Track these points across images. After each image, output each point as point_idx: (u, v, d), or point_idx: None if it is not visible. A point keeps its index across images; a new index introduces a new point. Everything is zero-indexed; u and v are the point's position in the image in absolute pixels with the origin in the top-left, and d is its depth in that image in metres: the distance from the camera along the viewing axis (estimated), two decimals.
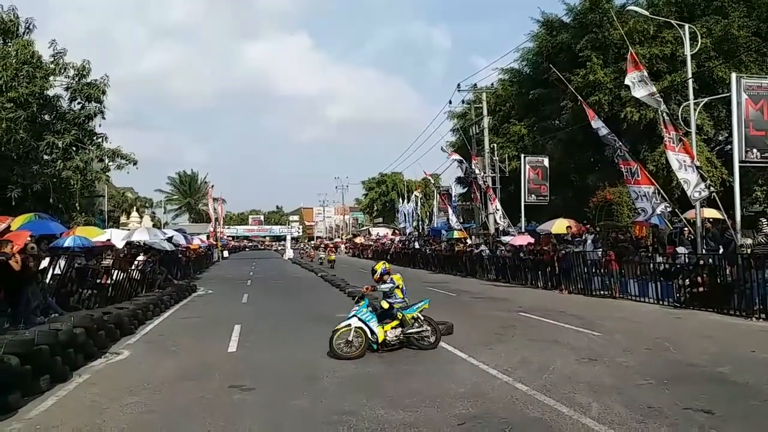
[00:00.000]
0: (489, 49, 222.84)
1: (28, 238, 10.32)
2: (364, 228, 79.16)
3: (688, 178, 14.88)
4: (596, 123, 17.58)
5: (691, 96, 16.70)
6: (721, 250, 14.08)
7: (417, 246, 38.24)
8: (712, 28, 22.07)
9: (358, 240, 63.79)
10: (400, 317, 9.04)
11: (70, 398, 6.71)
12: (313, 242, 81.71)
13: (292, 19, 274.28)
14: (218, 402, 6.46)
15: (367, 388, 6.91)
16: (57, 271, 11.93)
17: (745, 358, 8.34)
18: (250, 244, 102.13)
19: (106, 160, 22.40)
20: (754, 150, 14.52)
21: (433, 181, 40.89)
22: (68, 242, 14.20)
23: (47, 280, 11.37)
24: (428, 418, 5.69)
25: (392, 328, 8.99)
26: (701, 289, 13.30)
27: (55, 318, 9.11)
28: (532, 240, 21.85)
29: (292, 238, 74.49)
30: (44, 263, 11.27)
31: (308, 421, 5.73)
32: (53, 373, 7.13)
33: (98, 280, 13.75)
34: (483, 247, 26.71)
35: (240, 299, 18.25)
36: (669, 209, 16.37)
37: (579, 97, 19.83)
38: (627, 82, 16.49)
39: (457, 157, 31.50)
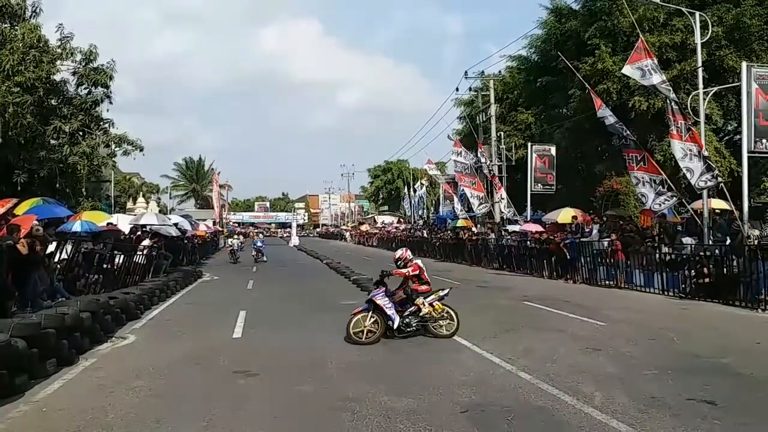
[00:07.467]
0: (500, 35, 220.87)
1: (35, 222, 10.35)
2: (370, 216, 79.17)
3: (692, 167, 14.77)
4: (603, 112, 17.41)
5: (701, 85, 16.51)
6: (728, 241, 14.01)
7: (424, 234, 38.20)
8: (724, 16, 21.76)
9: (363, 228, 63.82)
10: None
11: (76, 381, 6.78)
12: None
13: (304, 4, 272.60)
14: (223, 387, 6.51)
15: (371, 375, 6.94)
16: (64, 255, 11.99)
17: (750, 350, 8.35)
18: (256, 231, 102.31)
19: (113, 146, 22.41)
20: (763, 140, 14.41)
21: (431, 172, 40.18)
22: (76, 227, 14.28)
23: (55, 264, 11.43)
24: (431, 406, 5.71)
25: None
26: (707, 280, 13.25)
27: (61, 302, 9.17)
28: (542, 228, 21.80)
29: (298, 225, 74.48)
30: (51, 247, 11.31)
31: (312, 407, 5.76)
32: (60, 357, 7.20)
33: (105, 265, 13.82)
34: (492, 235, 26.72)
35: (245, 285, 18.31)
36: (675, 198, 16.23)
37: (587, 86, 19.65)
38: (626, 71, 16.37)
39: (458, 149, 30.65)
